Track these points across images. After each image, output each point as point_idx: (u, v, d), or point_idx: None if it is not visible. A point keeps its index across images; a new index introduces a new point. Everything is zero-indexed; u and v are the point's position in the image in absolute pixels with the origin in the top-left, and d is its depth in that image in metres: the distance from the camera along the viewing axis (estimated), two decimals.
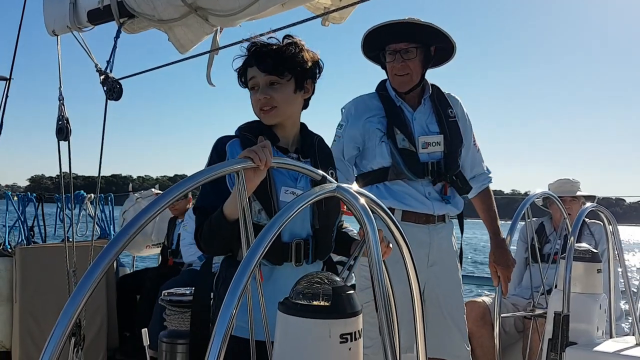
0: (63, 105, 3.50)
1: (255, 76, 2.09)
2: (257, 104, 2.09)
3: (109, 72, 3.31)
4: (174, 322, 3.05)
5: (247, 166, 1.62)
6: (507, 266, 2.97)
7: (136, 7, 3.03)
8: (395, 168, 2.88)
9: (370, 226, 1.24)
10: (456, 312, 3.00)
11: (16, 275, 4.87)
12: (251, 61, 2.10)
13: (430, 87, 3.06)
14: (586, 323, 2.56)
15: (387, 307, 1.19)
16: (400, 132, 2.90)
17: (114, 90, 3.31)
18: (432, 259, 2.93)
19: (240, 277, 1.04)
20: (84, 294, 1.04)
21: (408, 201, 2.89)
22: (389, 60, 2.95)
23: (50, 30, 3.47)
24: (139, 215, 1.21)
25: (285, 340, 1.18)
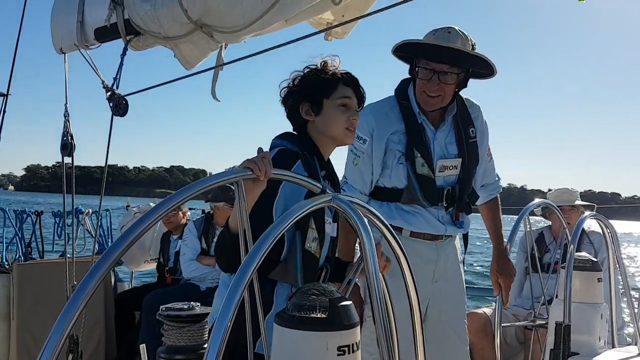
0: (68, 122, 3.52)
1: (350, 97, 2.20)
2: (345, 122, 2.18)
3: (115, 89, 3.33)
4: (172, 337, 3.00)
5: (247, 176, 1.61)
6: (509, 275, 2.94)
7: (142, 25, 3.06)
8: (410, 192, 2.77)
9: (366, 237, 1.22)
10: (459, 328, 2.96)
11: (13, 292, 4.83)
12: (350, 82, 2.22)
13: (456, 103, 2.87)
14: (588, 333, 2.54)
15: (385, 318, 1.17)
16: (420, 156, 2.76)
17: (119, 106, 3.33)
18: (437, 275, 2.88)
19: (236, 288, 1.03)
20: (79, 305, 1.02)
21: (419, 224, 2.81)
22: (423, 77, 2.74)
23: (58, 48, 3.49)
24: (134, 225, 1.19)
25: (281, 353, 1.16)
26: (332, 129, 2.19)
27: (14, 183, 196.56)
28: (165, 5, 2.95)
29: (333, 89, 2.18)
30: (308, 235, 2.05)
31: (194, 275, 5.14)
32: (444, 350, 2.88)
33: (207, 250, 5.14)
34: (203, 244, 5.18)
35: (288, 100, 2.26)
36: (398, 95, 2.89)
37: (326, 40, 3.30)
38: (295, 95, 2.24)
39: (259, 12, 2.72)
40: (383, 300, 1.27)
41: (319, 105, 2.18)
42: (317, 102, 2.18)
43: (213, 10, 2.88)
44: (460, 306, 3.00)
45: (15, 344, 4.76)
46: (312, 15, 3.13)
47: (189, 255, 5.16)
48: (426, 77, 2.73)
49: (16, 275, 4.85)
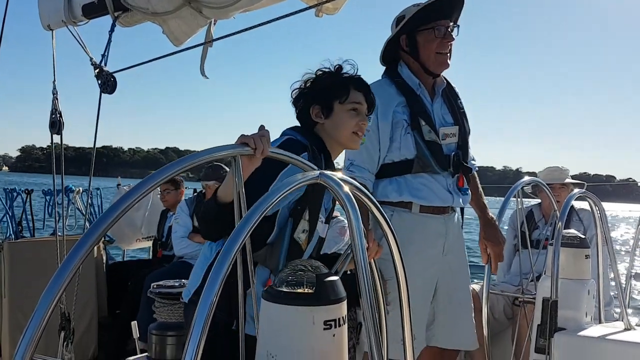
0: (57, 99, 3.49)
1: (361, 102, 2.24)
2: (354, 127, 2.22)
3: (103, 66, 3.31)
4: (164, 314, 3.03)
5: (244, 152, 1.60)
6: (497, 243, 2.93)
7: (130, 1, 3.04)
8: (421, 160, 2.80)
9: (353, 214, 1.23)
10: (466, 302, 3.01)
11: (4, 270, 4.83)
12: (362, 88, 2.25)
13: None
14: (574, 309, 2.57)
15: (373, 297, 1.18)
16: (425, 124, 2.82)
17: (108, 83, 3.31)
18: (447, 249, 2.92)
19: (221, 263, 1.03)
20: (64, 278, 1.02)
21: (428, 196, 2.83)
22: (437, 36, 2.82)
23: (46, 25, 3.46)
24: (121, 198, 1.17)
25: (269, 328, 1.17)
26: (341, 133, 2.23)
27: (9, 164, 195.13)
28: None
29: (345, 93, 2.22)
30: (299, 226, 2.06)
31: (184, 253, 5.17)
32: (452, 321, 2.93)
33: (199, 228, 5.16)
34: (195, 222, 5.19)
35: (299, 101, 2.29)
36: (390, 75, 2.95)
37: (317, 16, 3.27)
38: (306, 96, 2.27)
39: None
40: (371, 280, 1.27)
41: (330, 108, 2.22)
42: (328, 105, 2.22)
43: None
44: (467, 278, 3.06)
45: (7, 322, 4.78)
46: None
47: (180, 233, 5.18)
48: (441, 34, 2.83)
49: (7, 254, 4.85)
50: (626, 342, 2.42)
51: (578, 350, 2.46)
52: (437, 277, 2.89)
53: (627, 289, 2.90)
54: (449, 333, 2.92)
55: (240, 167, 1.53)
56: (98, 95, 3.36)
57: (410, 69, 2.91)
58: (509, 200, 2.86)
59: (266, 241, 2.06)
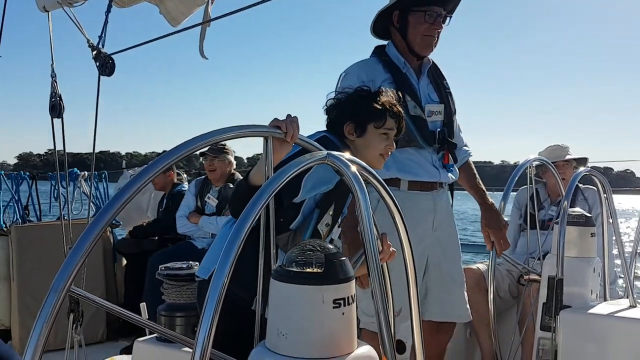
0: (55, 82, 3.47)
1: (393, 128, 2.34)
2: (383, 150, 2.31)
3: (101, 48, 3.28)
4: (172, 295, 3.04)
5: (275, 133, 1.65)
6: (499, 228, 2.98)
7: None
8: (407, 135, 2.80)
9: (361, 194, 1.24)
10: (457, 274, 3.07)
11: (13, 254, 4.88)
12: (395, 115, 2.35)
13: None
14: (580, 286, 2.59)
15: (380, 273, 1.19)
16: (410, 99, 2.88)
17: (106, 65, 3.29)
18: (436, 224, 2.98)
19: (232, 244, 1.04)
20: (75, 263, 1.04)
21: (415, 170, 2.90)
22: (426, 20, 2.90)
23: (41, 6, 3.43)
24: (128, 184, 1.18)
25: (279, 307, 1.18)
26: (369, 153, 2.31)
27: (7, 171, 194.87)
28: None
29: (382, 119, 2.31)
30: (324, 218, 2.14)
31: (183, 231, 5.22)
32: (444, 295, 2.98)
33: (202, 208, 5.19)
34: (198, 202, 5.23)
35: (333, 111, 2.37)
36: (377, 54, 3.03)
37: None
38: (342, 111, 2.34)
39: None
40: (378, 258, 1.29)
41: (364, 129, 2.30)
42: (363, 126, 2.30)
43: None
44: (457, 252, 3.11)
45: (17, 304, 4.83)
46: None
47: (181, 212, 5.23)
48: (429, 20, 2.90)
49: (14, 238, 4.89)
50: (631, 319, 2.44)
51: (583, 327, 2.47)
52: (428, 253, 2.95)
53: (632, 267, 2.90)
54: (443, 306, 2.98)
55: (271, 147, 1.58)
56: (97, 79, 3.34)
57: (397, 47, 2.99)
58: (514, 181, 2.87)
59: (289, 226, 2.10)
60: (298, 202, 2.09)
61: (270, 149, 1.59)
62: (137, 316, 1.32)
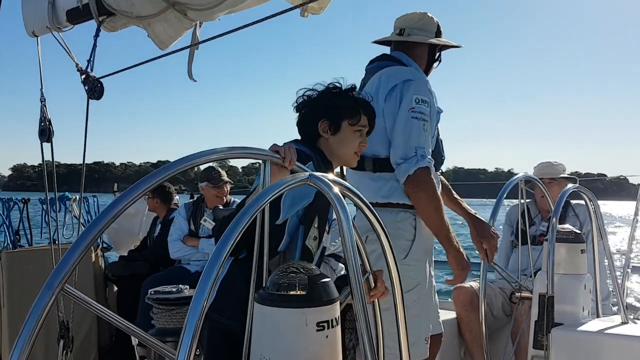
0: (45, 107, 3.47)
1: (366, 126, 2.36)
2: (356, 146, 2.32)
3: (89, 72, 3.29)
4: (162, 320, 3.01)
5: (275, 158, 1.66)
6: (490, 237, 2.92)
7: (114, 5, 3.02)
8: (437, 157, 2.82)
9: (343, 214, 1.23)
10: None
11: (3, 280, 4.82)
12: (369, 112, 2.37)
13: None
14: (571, 304, 2.58)
15: (362, 294, 1.19)
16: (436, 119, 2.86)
17: (95, 89, 3.30)
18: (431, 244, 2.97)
19: (211, 267, 1.03)
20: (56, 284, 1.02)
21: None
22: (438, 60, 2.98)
23: (30, 31, 3.44)
24: (114, 201, 1.16)
25: (262, 330, 1.17)
26: (344, 151, 2.32)
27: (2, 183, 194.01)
28: None
29: (356, 115, 2.31)
30: (310, 233, 2.13)
31: (178, 256, 5.18)
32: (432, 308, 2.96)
33: (195, 232, 5.17)
34: (191, 225, 5.20)
35: (304, 109, 2.36)
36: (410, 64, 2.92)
37: (302, 16, 3.27)
38: (315, 109, 2.33)
39: None
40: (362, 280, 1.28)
41: (338, 126, 2.30)
42: (337, 123, 2.30)
43: None
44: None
45: (7, 331, 4.77)
46: None
47: (174, 236, 5.19)
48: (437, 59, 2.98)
49: (5, 263, 4.84)
50: (624, 335, 2.43)
51: (576, 345, 2.46)
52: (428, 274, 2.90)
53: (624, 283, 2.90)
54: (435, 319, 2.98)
55: (269, 171, 1.59)
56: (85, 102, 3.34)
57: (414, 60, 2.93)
58: (503, 197, 2.87)
59: (277, 249, 2.08)
60: (281, 223, 2.07)
61: (268, 172, 1.59)
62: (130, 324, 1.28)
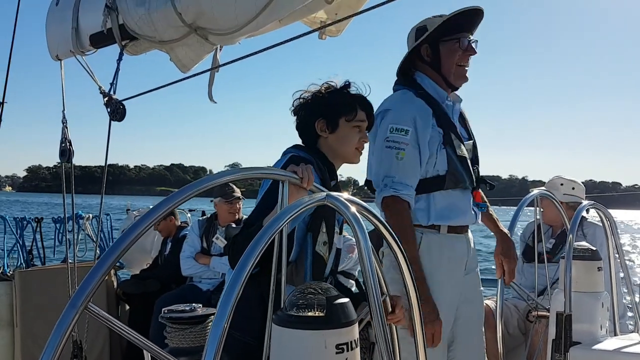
0: (66, 128, 3.54)
1: (365, 120, 2.33)
2: (356, 143, 2.31)
3: (112, 94, 3.34)
4: (175, 339, 3.00)
5: (292, 178, 1.67)
6: (513, 259, 2.91)
7: (137, 30, 3.07)
8: (454, 176, 2.72)
9: (361, 233, 1.23)
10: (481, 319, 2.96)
11: (16, 299, 4.84)
12: (366, 106, 2.35)
13: None
14: (589, 322, 2.54)
15: (382, 316, 1.18)
16: (455, 137, 2.76)
17: (117, 111, 3.35)
18: (468, 267, 2.86)
19: (232, 288, 1.03)
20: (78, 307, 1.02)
21: (454, 215, 2.77)
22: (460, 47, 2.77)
23: (54, 55, 3.51)
24: (132, 226, 1.17)
25: (280, 353, 1.16)
26: (344, 148, 2.30)
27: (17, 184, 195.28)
28: (159, 9, 2.96)
29: (352, 111, 2.30)
30: (319, 238, 2.10)
31: (189, 273, 5.18)
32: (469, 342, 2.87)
33: (207, 249, 5.16)
34: (203, 242, 5.20)
35: (301, 111, 2.35)
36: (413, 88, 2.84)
37: (320, 39, 3.31)
38: (311, 109, 2.32)
39: (252, 13, 2.73)
40: (380, 300, 1.27)
41: (336, 124, 2.29)
42: (334, 121, 2.29)
43: (207, 12, 2.89)
44: (482, 295, 3.01)
45: (20, 351, 4.77)
46: (306, 14, 3.14)
47: (187, 253, 5.19)
48: (464, 46, 2.79)
49: (18, 283, 4.86)
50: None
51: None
52: (459, 298, 2.81)
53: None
54: (467, 353, 2.86)
55: (287, 191, 1.61)
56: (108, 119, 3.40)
57: (432, 81, 2.84)
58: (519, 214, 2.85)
59: (289, 259, 2.07)
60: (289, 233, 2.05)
61: (287, 193, 1.61)
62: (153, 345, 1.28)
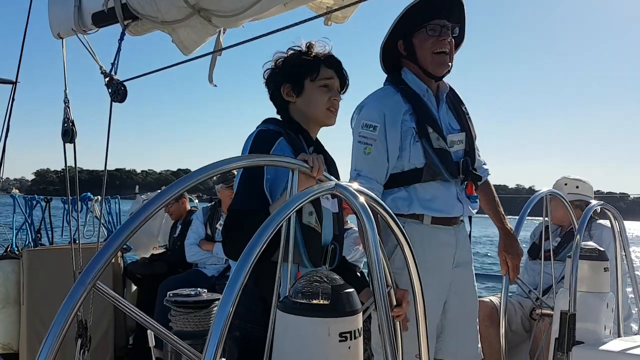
0: (68, 108, 3.54)
1: (332, 77, 2.23)
2: (327, 103, 2.20)
3: (113, 75, 3.33)
4: (179, 322, 3.03)
5: (303, 167, 1.66)
6: (516, 255, 2.91)
7: (140, 9, 3.04)
8: (431, 169, 2.74)
9: (369, 224, 1.23)
10: (473, 312, 2.98)
11: (23, 278, 4.89)
12: (333, 64, 2.24)
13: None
14: (593, 322, 2.54)
15: (387, 308, 1.18)
16: (433, 131, 2.77)
17: (118, 92, 3.33)
18: (457, 260, 2.87)
19: (238, 274, 1.03)
20: (84, 289, 1.03)
21: (438, 206, 2.78)
22: (430, 35, 2.76)
23: (56, 33, 3.50)
24: (140, 210, 1.18)
25: (284, 339, 1.17)
26: (313, 110, 2.21)
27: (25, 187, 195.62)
28: None
29: (315, 70, 2.20)
30: (304, 210, 2.03)
31: (194, 260, 5.22)
32: (460, 334, 2.89)
33: (212, 236, 5.19)
34: (207, 229, 5.24)
35: (270, 81, 2.28)
36: (393, 82, 2.90)
37: (326, 25, 3.27)
38: (277, 76, 2.25)
39: None
40: (385, 291, 1.27)
41: (301, 86, 2.21)
42: (298, 83, 2.21)
43: None
44: (474, 289, 3.01)
45: (25, 328, 4.82)
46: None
47: (191, 240, 5.23)
48: (434, 34, 2.78)
49: (26, 261, 4.90)
50: None
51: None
52: (447, 290, 2.84)
53: None
54: (456, 346, 2.88)
55: (297, 179, 1.60)
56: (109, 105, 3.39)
57: (414, 74, 2.86)
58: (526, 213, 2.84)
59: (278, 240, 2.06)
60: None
61: (296, 181, 1.60)
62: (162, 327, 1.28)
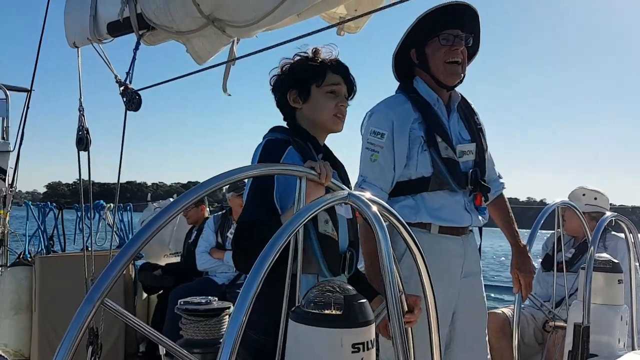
0: (83, 116, 3.57)
1: (340, 83, 2.20)
2: (334, 109, 2.17)
3: (128, 84, 3.36)
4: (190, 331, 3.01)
5: (310, 175, 1.65)
6: (529, 273, 2.89)
7: (155, 19, 3.07)
8: (438, 178, 2.73)
9: (382, 234, 1.22)
10: (482, 323, 2.95)
11: (35, 284, 4.92)
12: (339, 70, 2.22)
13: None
14: (607, 335, 2.51)
15: (400, 316, 1.17)
16: (442, 140, 2.75)
17: (133, 101, 3.36)
18: (465, 271, 2.84)
19: (250, 284, 1.03)
20: (97, 297, 1.03)
21: (447, 216, 2.76)
22: (443, 44, 2.76)
23: (71, 42, 3.54)
24: (153, 219, 1.18)
25: (296, 349, 1.17)
26: (320, 116, 2.18)
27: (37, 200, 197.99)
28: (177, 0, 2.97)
29: (321, 76, 2.18)
30: (319, 218, 2.01)
31: (204, 268, 5.23)
32: (468, 344, 2.85)
33: (222, 244, 5.20)
34: (218, 237, 5.24)
35: (277, 88, 2.27)
36: (404, 91, 2.89)
37: (339, 35, 3.29)
38: (283, 82, 2.24)
39: (270, 6, 2.71)
40: (398, 300, 1.26)
41: (307, 92, 2.18)
42: (304, 89, 2.18)
43: (225, 4, 2.88)
44: (483, 299, 2.98)
45: (37, 335, 4.85)
46: (325, 9, 3.12)
47: (202, 248, 5.24)
48: (449, 41, 2.76)
49: (38, 268, 4.93)
50: None
51: None
52: (456, 300, 2.80)
53: None
54: (465, 357, 2.84)
55: (304, 187, 1.60)
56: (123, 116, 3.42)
57: (426, 83, 2.86)
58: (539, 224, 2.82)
59: None
60: None
61: (304, 189, 1.59)
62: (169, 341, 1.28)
